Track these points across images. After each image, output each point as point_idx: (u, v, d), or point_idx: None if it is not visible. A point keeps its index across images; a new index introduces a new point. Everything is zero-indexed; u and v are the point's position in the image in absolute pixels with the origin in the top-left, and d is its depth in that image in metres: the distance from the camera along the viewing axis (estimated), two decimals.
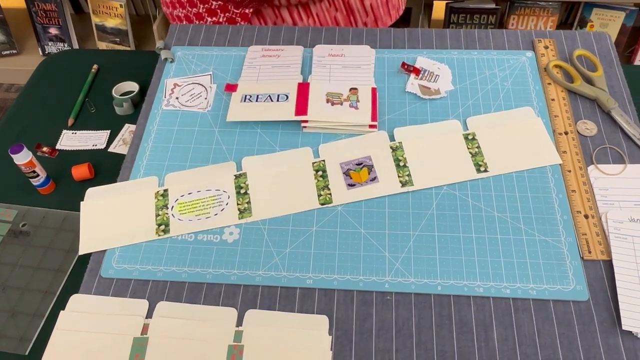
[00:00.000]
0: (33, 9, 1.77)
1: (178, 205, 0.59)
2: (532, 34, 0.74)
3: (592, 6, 1.66)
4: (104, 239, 0.58)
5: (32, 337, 0.53)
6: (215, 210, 0.59)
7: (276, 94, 0.68)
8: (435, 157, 0.62)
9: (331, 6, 0.81)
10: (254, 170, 0.62)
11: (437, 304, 0.53)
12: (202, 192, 0.60)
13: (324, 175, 0.61)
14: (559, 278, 0.53)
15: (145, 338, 0.51)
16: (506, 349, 0.50)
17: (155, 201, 0.60)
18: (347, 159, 0.62)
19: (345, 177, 0.60)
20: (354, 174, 0.60)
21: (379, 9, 0.84)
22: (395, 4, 0.87)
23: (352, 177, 0.60)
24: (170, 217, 0.59)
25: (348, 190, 0.59)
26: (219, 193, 0.60)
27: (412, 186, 0.59)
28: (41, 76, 0.82)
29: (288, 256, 0.56)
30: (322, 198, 0.59)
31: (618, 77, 0.69)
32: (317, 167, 0.61)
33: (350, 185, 0.60)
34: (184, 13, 0.83)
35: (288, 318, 0.52)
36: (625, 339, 0.50)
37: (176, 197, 0.60)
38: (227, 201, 0.59)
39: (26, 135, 0.73)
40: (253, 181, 0.61)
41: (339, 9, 0.82)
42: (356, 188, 0.60)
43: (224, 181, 0.61)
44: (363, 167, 0.61)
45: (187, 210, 0.59)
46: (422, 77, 0.70)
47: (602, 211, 0.57)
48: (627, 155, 0.62)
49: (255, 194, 0.60)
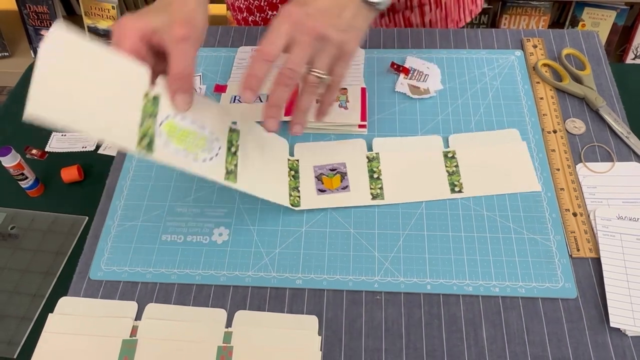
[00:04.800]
0: (25, 11, 1.76)
1: (168, 125, 0.48)
2: (521, 33, 0.74)
3: (584, 5, 1.67)
4: (65, 108, 0.43)
5: (20, 341, 0.53)
6: (204, 156, 0.50)
7: (265, 94, 0.67)
8: (410, 173, 0.60)
9: (391, 22, 0.81)
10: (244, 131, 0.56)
11: (427, 303, 0.53)
12: (196, 126, 0.51)
13: (296, 176, 0.60)
14: (548, 276, 0.53)
15: (134, 340, 0.51)
16: (495, 347, 0.50)
17: (143, 102, 0.47)
18: (321, 163, 0.61)
19: (316, 182, 0.60)
20: (326, 180, 0.60)
21: (437, 24, 0.83)
22: (455, 17, 0.85)
23: (324, 182, 0.60)
24: (156, 133, 0.47)
25: (318, 196, 0.59)
26: (214, 137, 0.52)
27: (383, 200, 0.58)
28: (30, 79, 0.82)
29: (277, 257, 0.56)
30: (292, 199, 0.58)
31: (606, 76, 0.69)
32: (291, 166, 0.61)
33: (321, 190, 0.59)
34: (245, 5, 0.82)
35: (278, 318, 0.52)
36: (613, 335, 0.50)
37: (168, 113, 0.49)
38: (217, 152, 0.52)
39: (15, 137, 0.72)
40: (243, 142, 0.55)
41: (399, 24, 0.82)
42: (326, 194, 0.59)
43: (220, 127, 0.53)
44: (336, 174, 0.60)
45: (175, 137, 0.49)
46: (411, 76, 0.70)
47: (591, 209, 0.57)
48: (615, 153, 0.62)
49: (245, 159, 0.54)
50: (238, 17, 0.87)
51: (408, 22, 0.82)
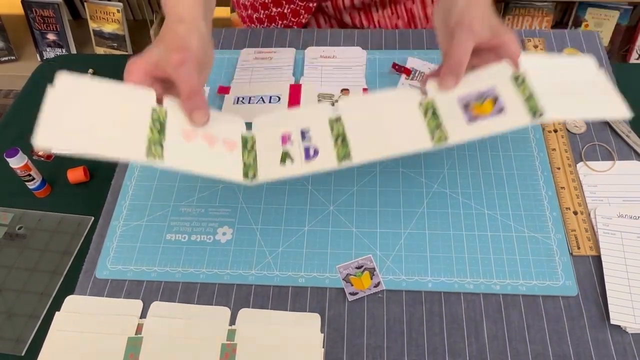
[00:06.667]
0: (31, 15, 1.78)
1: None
2: (522, 33, 0.75)
3: (587, 5, 1.67)
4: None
5: (28, 338, 0.54)
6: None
7: (268, 95, 0.68)
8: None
9: (393, 14, 0.82)
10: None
11: (428, 300, 0.53)
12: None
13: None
14: (549, 274, 0.54)
15: (139, 338, 0.52)
16: (496, 344, 0.50)
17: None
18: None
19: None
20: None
21: None
22: None
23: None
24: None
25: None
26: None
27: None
28: (38, 81, 0.83)
29: (280, 255, 0.56)
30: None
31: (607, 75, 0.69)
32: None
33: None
34: (250, 2, 0.84)
35: (280, 316, 0.53)
36: (614, 333, 0.50)
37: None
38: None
39: (22, 139, 0.73)
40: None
41: (401, 16, 0.83)
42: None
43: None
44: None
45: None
46: (413, 77, 0.70)
47: (591, 207, 0.58)
48: (615, 152, 0.62)
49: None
50: (243, 14, 0.88)
51: (410, 13, 0.82)
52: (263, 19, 0.84)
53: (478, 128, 0.48)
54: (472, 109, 0.49)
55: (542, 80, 0.49)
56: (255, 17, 0.85)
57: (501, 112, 0.48)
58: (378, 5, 0.81)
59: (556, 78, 0.50)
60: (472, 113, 0.49)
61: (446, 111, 0.50)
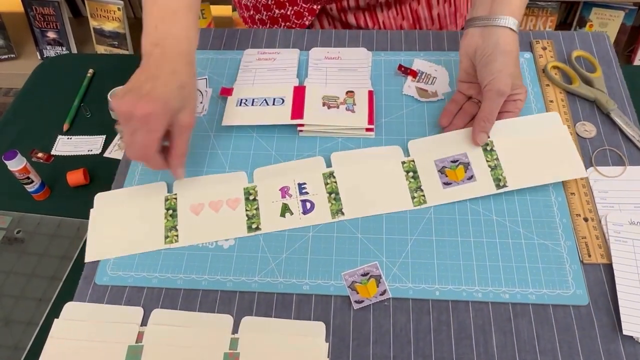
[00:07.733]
0: (31, 13, 1.77)
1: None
2: (530, 35, 0.73)
3: (592, 6, 1.66)
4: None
5: (26, 346, 0.53)
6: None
7: (272, 97, 0.67)
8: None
9: (398, 14, 0.81)
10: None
11: (435, 309, 0.52)
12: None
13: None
14: (559, 282, 0.52)
15: (140, 346, 0.50)
16: (505, 355, 0.49)
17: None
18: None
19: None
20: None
21: (446, 19, 0.84)
22: (464, 12, 0.86)
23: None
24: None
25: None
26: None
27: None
28: (37, 81, 0.82)
29: (284, 262, 0.55)
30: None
31: (617, 78, 0.68)
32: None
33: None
34: (252, 3, 0.83)
35: (284, 325, 0.52)
36: (626, 343, 0.49)
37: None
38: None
39: (21, 140, 0.72)
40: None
41: (406, 17, 0.82)
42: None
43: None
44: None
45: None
46: (419, 79, 0.69)
47: (602, 214, 0.56)
48: (626, 157, 0.61)
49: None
50: (244, 14, 0.87)
51: (415, 14, 0.81)
52: (265, 20, 0.83)
53: (452, 193, 0.58)
54: (447, 174, 0.59)
55: (508, 147, 0.59)
56: (257, 19, 0.84)
57: (471, 179, 0.58)
58: (383, 6, 0.80)
59: (522, 141, 0.59)
60: (447, 177, 0.58)
61: (425, 174, 0.59)
